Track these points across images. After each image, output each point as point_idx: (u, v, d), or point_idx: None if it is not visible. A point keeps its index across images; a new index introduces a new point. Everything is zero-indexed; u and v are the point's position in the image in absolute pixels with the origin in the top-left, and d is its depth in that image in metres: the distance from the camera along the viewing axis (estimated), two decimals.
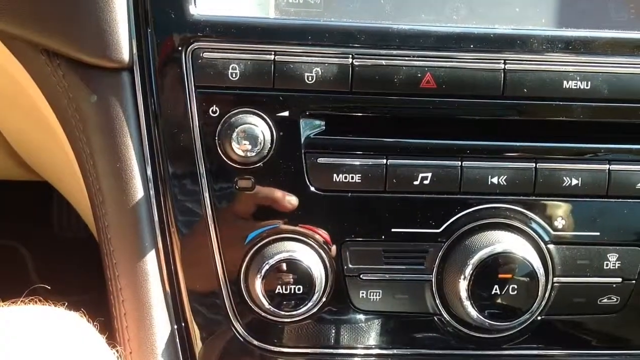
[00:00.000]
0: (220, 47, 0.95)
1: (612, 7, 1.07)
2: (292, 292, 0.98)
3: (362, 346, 1.06)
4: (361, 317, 1.04)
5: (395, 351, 1.06)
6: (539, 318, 1.05)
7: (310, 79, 0.96)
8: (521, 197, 1.02)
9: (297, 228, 1.00)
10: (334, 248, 1.01)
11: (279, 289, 0.97)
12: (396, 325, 1.05)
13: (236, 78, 0.95)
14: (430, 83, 0.98)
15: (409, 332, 1.05)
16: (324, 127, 1.00)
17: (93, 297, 1.14)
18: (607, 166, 1.02)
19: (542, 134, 1.03)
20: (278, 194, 0.99)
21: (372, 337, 1.05)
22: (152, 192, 0.99)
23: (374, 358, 1.06)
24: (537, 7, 1.04)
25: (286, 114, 0.97)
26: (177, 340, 1.02)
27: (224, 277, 1.00)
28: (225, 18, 0.96)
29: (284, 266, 0.97)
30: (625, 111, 1.01)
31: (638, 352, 1.09)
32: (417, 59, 0.97)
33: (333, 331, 1.05)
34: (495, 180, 1.01)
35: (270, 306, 0.98)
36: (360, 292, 1.02)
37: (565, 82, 0.99)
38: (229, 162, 0.97)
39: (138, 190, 0.99)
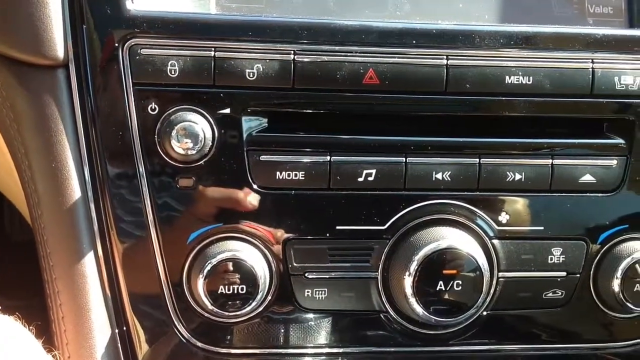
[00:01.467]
0: (159, 43, 0.93)
1: (555, 3, 1.08)
2: (236, 292, 0.96)
3: (310, 345, 1.04)
4: (307, 316, 1.03)
5: (343, 349, 1.05)
6: (484, 313, 1.05)
7: (251, 76, 0.95)
8: (465, 193, 1.02)
9: (240, 227, 0.98)
10: (278, 247, 0.99)
11: (222, 289, 0.96)
12: (343, 323, 1.04)
13: (175, 75, 0.93)
14: (373, 79, 0.97)
15: (356, 330, 1.05)
16: (266, 124, 0.98)
17: (38, 302, 1.11)
18: (550, 161, 1.02)
19: (486, 130, 1.03)
20: (220, 192, 0.97)
21: (319, 336, 1.04)
22: (90, 193, 0.97)
23: (321, 357, 1.05)
24: (481, 3, 1.04)
25: (227, 111, 0.96)
26: (119, 344, 1.00)
27: (165, 278, 0.98)
28: (163, 13, 0.94)
29: (227, 266, 0.95)
30: (567, 106, 1.01)
31: (583, 345, 1.10)
32: (360, 55, 0.97)
33: (280, 331, 1.04)
34: (439, 176, 1.00)
35: (213, 307, 0.97)
36: (306, 290, 1.01)
37: (507, 78, 0.99)
38: (169, 160, 0.95)
39: (75, 191, 0.96)
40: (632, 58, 1.01)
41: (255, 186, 0.98)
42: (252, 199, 0.98)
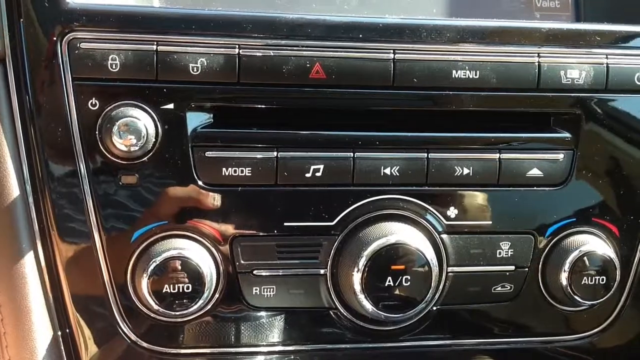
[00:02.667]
0: (99, 37, 0.91)
1: None
2: (181, 291, 0.94)
3: (260, 343, 1.03)
4: (256, 314, 1.01)
5: (294, 347, 1.04)
6: (434, 308, 1.04)
7: (195, 70, 0.93)
8: (414, 188, 1.01)
9: (185, 225, 0.96)
10: (225, 244, 0.98)
11: (167, 289, 0.94)
12: (293, 321, 1.03)
13: (116, 69, 0.91)
14: (320, 73, 0.96)
15: (306, 328, 1.03)
16: (212, 120, 0.97)
17: None
18: (497, 155, 1.02)
19: (434, 124, 1.02)
20: (164, 189, 0.95)
21: (270, 334, 1.03)
22: (29, 191, 0.94)
23: (272, 355, 1.04)
24: None
25: (171, 106, 0.94)
26: (62, 347, 0.97)
27: (109, 279, 0.96)
28: (103, 6, 0.92)
29: (172, 265, 0.93)
30: (514, 100, 1.02)
31: (533, 339, 1.10)
32: (306, 49, 0.95)
33: (229, 329, 1.02)
34: (387, 171, 1.00)
35: (159, 307, 0.94)
36: (254, 288, 0.99)
37: (454, 72, 0.99)
38: (111, 157, 0.93)
39: (13, 190, 0.93)
40: (577, 52, 1.02)
41: (200, 183, 0.96)
42: (197, 196, 0.96)
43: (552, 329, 1.11)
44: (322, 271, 1.00)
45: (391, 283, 0.98)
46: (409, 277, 0.98)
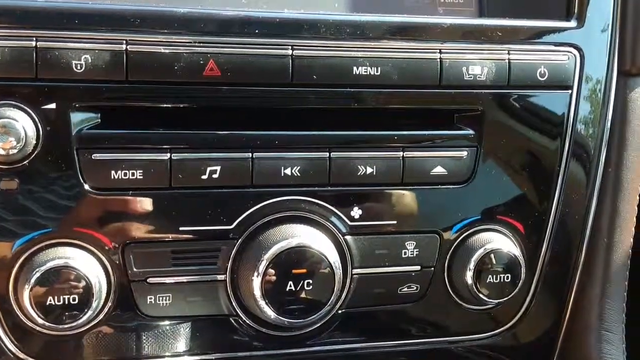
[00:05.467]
0: None
1: None
2: (67, 302, 0.88)
3: (160, 354, 0.98)
4: (153, 323, 0.96)
5: (194, 357, 1.00)
6: (340, 312, 1.02)
7: (79, 68, 0.87)
8: (316, 188, 0.98)
9: (72, 232, 0.91)
10: (116, 252, 0.92)
11: (51, 301, 0.88)
12: (192, 330, 0.99)
13: None
14: (214, 70, 0.91)
15: (207, 337, 0.99)
16: (99, 120, 0.91)
17: None
18: (400, 153, 1.00)
19: (337, 122, 0.99)
20: (48, 195, 0.89)
21: (169, 344, 0.98)
22: None
23: None
24: None
25: (53, 106, 0.88)
26: None
27: None
28: None
29: (56, 275, 0.88)
30: (417, 97, 1.00)
31: (441, 339, 1.09)
32: (199, 45, 0.91)
33: (127, 341, 0.97)
34: (288, 171, 0.96)
35: (44, 321, 0.88)
36: (148, 297, 0.94)
37: (355, 69, 0.96)
38: None
39: None
40: (479, 48, 1.00)
41: (87, 187, 0.90)
42: (84, 202, 0.90)
43: (461, 328, 1.09)
44: (220, 277, 0.96)
45: (293, 287, 0.95)
46: (311, 281, 0.95)
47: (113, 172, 0.91)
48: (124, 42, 0.88)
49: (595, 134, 1.08)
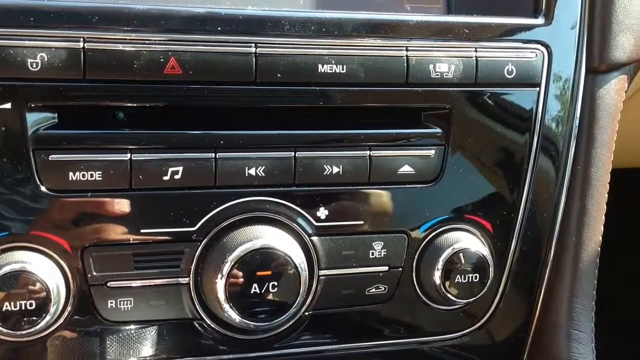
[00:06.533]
0: None
1: None
2: (24, 308, 0.86)
3: (123, 359, 0.96)
4: (114, 328, 0.94)
5: None
6: (307, 314, 1.00)
7: (34, 66, 0.84)
8: (281, 189, 0.96)
9: (29, 235, 0.88)
10: (75, 255, 0.90)
11: (7, 306, 0.85)
12: (156, 334, 0.96)
13: None
14: (176, 69, 0.89)
15: (171, 341, 0.97)
16: (57, 120, 0.89)
17: None
18: (367, 152, 0.98)
19: (303, 122, 0.98)
20: (3, 197, 0.86)
21: (131, 350, 0.96)
22: None
23: None
24: None
25: (7, 106, 0.85)
26: None
27: None
28: None
29: (12, 280, 0.85)
30: (384, 96, 0.98)
31: (410, 340, 1.07)
32: (160, 42, 0.89)
33: (89, 346, 0.94)
34: (253, 171, 0.94)
35: (1, 327, 0.86)
36: (109, 301, 0.92)
37: (320, 66, 0.94)
38: None
39: None
40: (446, 45, 0.99)
41: (44, 189, 0.88)
42: (41, 204, 0.88)
43: (430, 329, 1.08)
44: (184, 280, 0.94)
45: (258, 290, 0.93)
46: (276, 283, 0.93)
47: (71, 173, 0.88)
48: (82, 39, 0.86)
49: (563, 132, 1.08)
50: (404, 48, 0.97)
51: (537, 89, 1.04)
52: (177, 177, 0.92)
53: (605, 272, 1.14)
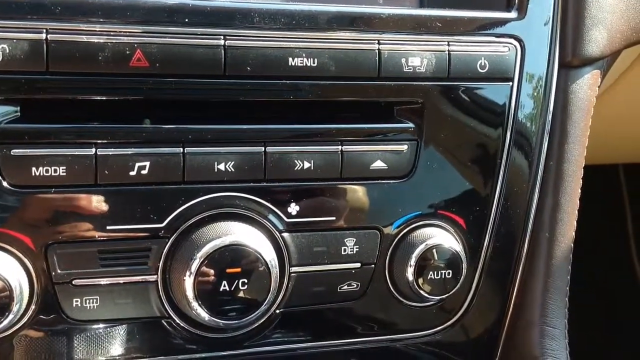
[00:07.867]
0: None
1: None
2: None
3: (91, 359, 0.94)
4: (80, 327, 0.92)
5: None
6: (278, 311, 0.98)
7: None
8: (251, 184, 0.94)
9: None
10: (38, 252, 0.87)
11: None
12: (123, 333, 0.94)
13: None
14: (142, 61, 0.87)
15: (139, 340, 0.95)
16: (19, 114, 0.86)
17: None
18: (339, 147, 0.97)
19: (274, 116, 0.96)
20: None
21: (98, 349, 0.93)
22: None
23: None
24: None
25: None
26: None
27: None
28: None
29: None
30: (355, 90, 0.97)
31: (382, 337, 1.06)
32: (125, 34, 0.87)
33: (55, 345, 0.92)
34: (222, 166, 0.92)
35: None
36: (74, 300, 0.90)
37: (290, 60, 0.93)
38: None
39: None
40: (419, 39, 0.98)
41: (6, 185, 0.85)
42: (3, 200, 0.85)
43: (404, 326, 1.07)
44: (151, 278, 0.92)
45: (227, 287, 0.91)
46: (246, 280, 0.91)
47: (34, 168, 0.86)
48: (44, 30, 0.84)
49: (536, 127, 1.07)
50: (376, 41, 0.96)
51: (510, 83, 1.03)
52: (144, 172, 0.90)
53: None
